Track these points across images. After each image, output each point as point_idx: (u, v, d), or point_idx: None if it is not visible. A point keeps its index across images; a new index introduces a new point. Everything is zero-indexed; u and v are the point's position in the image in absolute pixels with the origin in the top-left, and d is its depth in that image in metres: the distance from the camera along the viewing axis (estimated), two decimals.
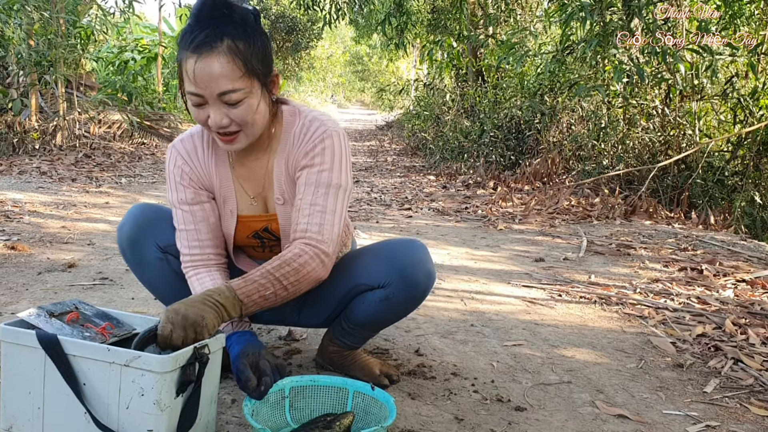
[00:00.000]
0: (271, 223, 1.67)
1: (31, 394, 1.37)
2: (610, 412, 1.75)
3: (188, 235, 1.64)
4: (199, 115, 1.46)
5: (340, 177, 1.55)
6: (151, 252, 1.70)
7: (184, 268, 1.65)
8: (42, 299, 2.53)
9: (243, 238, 1.69)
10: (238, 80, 1.42)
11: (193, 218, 1.64)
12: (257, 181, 1.65)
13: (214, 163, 1.64)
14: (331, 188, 1.54)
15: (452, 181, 7.61)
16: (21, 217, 4.23)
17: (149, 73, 15.24)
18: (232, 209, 1.66)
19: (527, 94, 7.89)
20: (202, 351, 1.36)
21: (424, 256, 1.67)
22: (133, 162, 8.12)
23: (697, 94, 6.00)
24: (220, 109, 1.44)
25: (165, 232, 1.70)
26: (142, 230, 1.70)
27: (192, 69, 1.40)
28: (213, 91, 1.41)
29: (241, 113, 1.44)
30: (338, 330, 1.81)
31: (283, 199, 1.64)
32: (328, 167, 1.54)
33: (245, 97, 1.44)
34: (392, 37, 10.19)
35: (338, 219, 1.54)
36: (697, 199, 5.66)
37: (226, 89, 1.41)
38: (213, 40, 1.39)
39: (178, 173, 1.64)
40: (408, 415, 1.67)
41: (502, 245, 4.21)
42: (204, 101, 1.44)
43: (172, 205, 1.66)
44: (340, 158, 1.56)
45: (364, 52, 33.80)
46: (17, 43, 7.78)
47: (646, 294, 2.98)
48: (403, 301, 1.67)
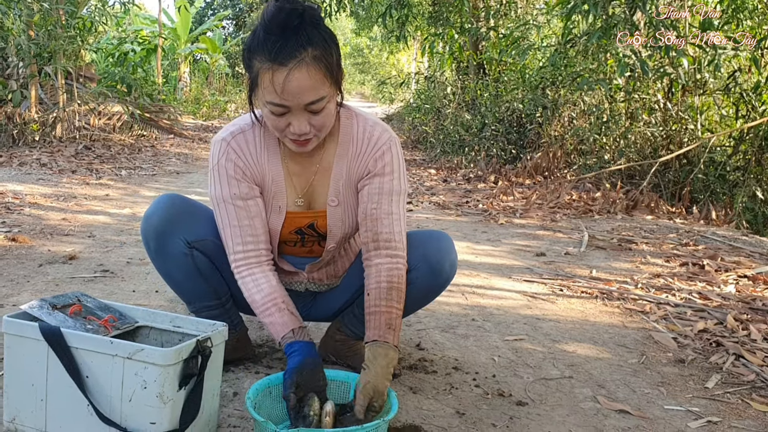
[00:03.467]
0: (317, 220, 1.67)
1: (34, 386, 1.37)
2: (611, 407, 1.75)
3: (242, 231, 1.60)
4: (278, 123, 1.45)
5: (403, 183, 1.64)
6: (177, 246, 1.66)
7: (236, 266, 1.60)
8: (43, 291, 2.53)
9: (286, 233, 1.69)
10: (324, 89, 1.41)
11: (247, 213, 1.60)
12: (307, 177, 1.65)
13: (267, 159, 1.62)
14: (400, 195, 1.63)
15: (453, 174, 7.60)
16: (21, 209, 4.22)
17: (149, 65, 15.21)
18: (282, 205, 1.65)
19: (529, 88, 7.86)
20: (205, 344, 1.36)
21: (450, 246, 1.73)
22: (133, 154, 8.11)
23: (700, 88, 5.98)
24: (303, 117, 1.43)
25: (194, 227, 1.67)
26: (171, 223, 1.66)
27: (279, 81, 1.37)
28: (300, 102, 1.40)
29: (323, 120, 1.46)
30: (349, 318, 1.83)
31: (337, 201, 1.65)
32: (397, 175, 1.62)
33: (327, 103, 1.45)
34: (393, 30, 10.14)
35: (404, 222, 1.64)
36: (699, 194, 5.66)
37: (313, 99, 1.40)
38: (298, 51, 1.36)
39: (231, 167, 1.59)
40: (409, 409, 1.67)
41: (503, 240, 4.21)
42: (287, 111, 1.42)
43: (219, 200, 1.61)
44: (401, 165, 1.64)
45: (365, 44, 33.70)
46: (17, 34, 7.75)
47: (647, 289, 2.98)
48: (425, 288, 1.71)
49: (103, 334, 1.40)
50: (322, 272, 1.80)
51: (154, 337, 1.55)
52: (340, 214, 1.66)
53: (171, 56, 17.63)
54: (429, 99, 11.30)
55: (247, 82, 1.48)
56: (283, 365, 1.90)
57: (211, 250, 1.69)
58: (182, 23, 18.14)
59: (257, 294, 1.57)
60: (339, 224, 1.67)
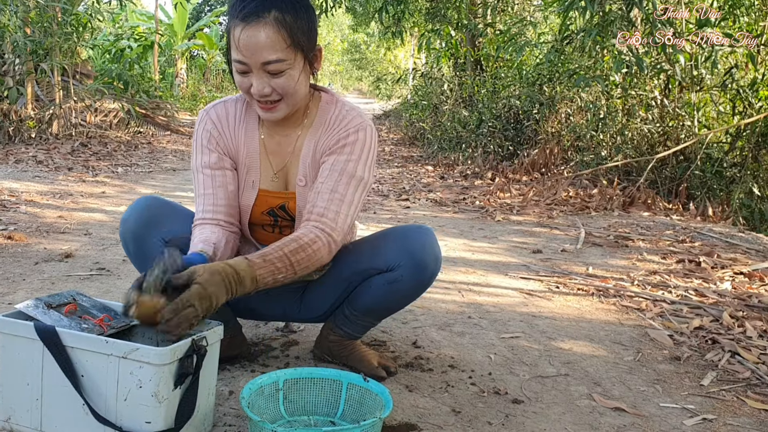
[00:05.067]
0: (289, 202, 1.67)
1: (29, 385, 1.37)
2: (607, 405, 1.76)
3: (204, 200, 1.61)
4: (242, 82, 1.50)
5: (364, 171, 1.59)
6: (156, 247, 1.64)
7: (192, 228, 1.61)
8: (39, 290, 2.53)
9: (258, 213, 1.68)
10: (282, 51, 1.45)
11: (212, 183, 1.62)
12: (283, 157, 1.66)
13: (243, 132, 1.65)
14: (354, 179, 1.57)
15: (450, 171, 7.60)
16: (17, 206, 4.22)
17: (145, 62, 15.18)
18: (255, 180, 1.65)
19: (525, 84, 7.86)
20: (200, 343, 1.36)
21: (433, 240, 1.70)
22: (130, 151, 8.09)
23: (697, 85, 5.98)
24: (263, 78, 1.47)
25: (171, 226, 1.68)
26: (147, 226, 1.66)
27: (238, 37, 1.44)
28: (257, 60, 1.45)
29: (283, 83, 1.48)
30: (340, 318, 1.81)
31: (305, 180, 1.65)
32: (356, 158, 1.58)
33: (288, 69, 1.47)
34: (389, 26, 10.13)
35: (353, 211, 1.57)
36: (696, 191, 5.67)
37: (269, 59, 1.45)
38: (261, 11, 1.43)
39: (206, 137, 1.64)
40: (405, 407, 1.67)
41: (500, 236, 4.21)
42: (248, 69, 1.47)
43: (193, 169, 1.65)
44: (368, 153, 1.60)
45: (362, 40, 33.62)
46: (13, 31, 7.73)
47: (643, 286, 2.98)
48: (410, 285, 1.69)
49: (99, 333, 1.40)
50: None
51: (149, 336, 1.55)
52: (307, 194, 1.64)
53: (168, 52, 17.59)
54: (426, 95, 11.29)
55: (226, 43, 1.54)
56: (279, 364, 1.90)
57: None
58: (179, 19, 18.10)
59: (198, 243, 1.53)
60: (305, 204, 1.63)
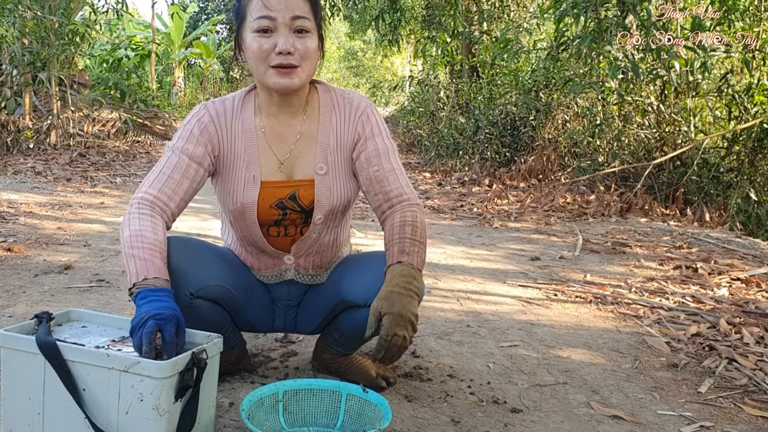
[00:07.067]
0: (299, 190, 1.64)
1: (30, 399, 1.37)
2: (605, 413, 1.77)
3: (166, 180, 1.55)
4: (262, 45, 1.51)
5: (391, 141, 1.72)
6: (180, 300, 1.54)
7: (136, 202, 1.52)
8: (38, 302, 2.53)
9: (266, 207, 1.63)
10: (308, 14, 1.52)
11: (183, 172, 1.56)
12: (288, 145, 1.65)
13: (240, 126, 1.64)
14: (392, 152, 1.69)
15: (447, 178, 7.62)
16: (17, 218, 4.22)
17: (143, 71, 15.18)
18: (256, 174, 1.62)
19: (522, 91, 7.90)
20: (201, 356, 1.37)
21: None
22: (128, 161, 8.10)
23: (692, 90, 6.02)
24: (289, 36, 1.51)
25: (197, 276, 1.59)
26: (173, 279, 1.53)
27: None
28: (287, 14, 1.49)
29: (305, 46, 1.52)
30: (330, 339, 1.81)
31: (326, 168, 1.65)
32: (385, 134, 1.70)
33: (310, 33, 1.53)
34: (386, 34, 10.17)
35: (404, 173, 1.70)
36: (693, 196, 5.69)
37: (298, 14, 1.50)
38: None
39: (199, 127, 1.61)
40: (404, 418, 1.68)
41: (498, 244, 4.22)
42: (273, 27, 1.50)
43: (168, 148, 1.61)
44: (383, 124, 1.72)
45: (359, 47, 33.72)
46: (11, 42, 7.75)
47: (641, 293, 3.00)
48: None
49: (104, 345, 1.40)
50: (308, 259, 1.75)
51: None
52: (328, 182, 1.65)
53: (165, 61, 17.61)
54: (423, 102, 11.33)
55: (234, 25, 1.57)
56: (279, 375, 1.90)
57: (214, 295, 1.63)
58: (176, 28, 18.13)
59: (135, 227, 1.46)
60: (327, 193, 1.64)
